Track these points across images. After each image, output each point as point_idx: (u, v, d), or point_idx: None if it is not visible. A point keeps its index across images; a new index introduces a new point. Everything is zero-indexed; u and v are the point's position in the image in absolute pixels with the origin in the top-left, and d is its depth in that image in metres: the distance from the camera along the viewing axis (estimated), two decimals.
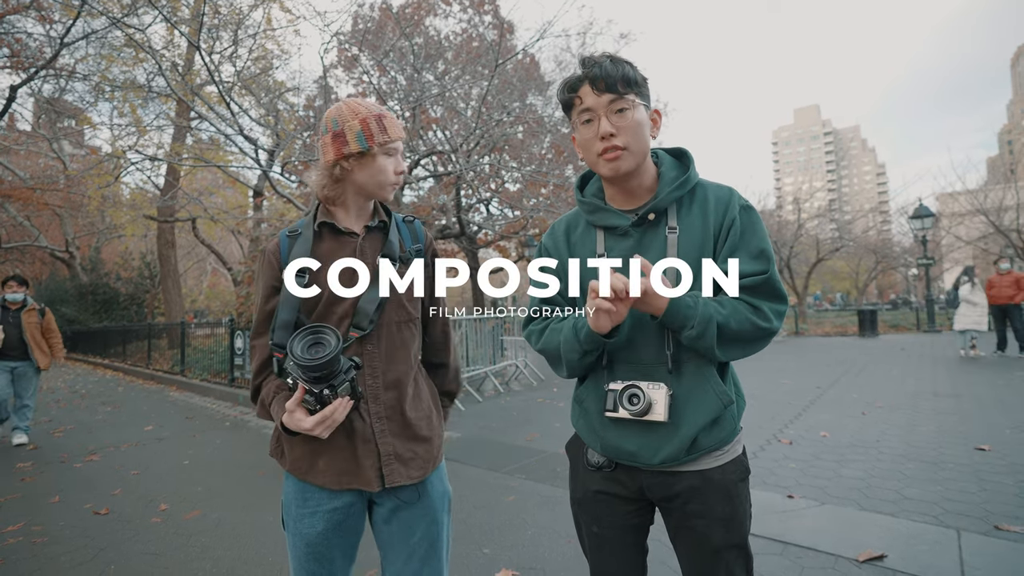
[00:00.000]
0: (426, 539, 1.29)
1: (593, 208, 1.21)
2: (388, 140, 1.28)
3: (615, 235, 1.18)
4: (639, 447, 1.11)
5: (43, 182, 17.84)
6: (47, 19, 10.58)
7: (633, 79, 1.08)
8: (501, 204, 14.75)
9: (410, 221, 1.43)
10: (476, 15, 15.38)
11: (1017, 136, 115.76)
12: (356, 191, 1.31)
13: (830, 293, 47.30)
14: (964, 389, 6.36)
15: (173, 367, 10.64)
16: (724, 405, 1.09)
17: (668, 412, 1.07)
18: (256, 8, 9.90)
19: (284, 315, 1.22)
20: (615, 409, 1.10)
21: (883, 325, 17.32)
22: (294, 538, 1.24)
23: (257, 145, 7.86)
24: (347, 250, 1.29)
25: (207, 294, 28.80)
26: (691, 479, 1.10)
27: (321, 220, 1.31)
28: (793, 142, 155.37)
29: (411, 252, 1.35)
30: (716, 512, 1.09)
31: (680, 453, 1.08)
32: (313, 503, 1.23)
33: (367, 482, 1.22)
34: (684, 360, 1.10)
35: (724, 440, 1.11)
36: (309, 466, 1.23)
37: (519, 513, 3.10)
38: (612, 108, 1.08)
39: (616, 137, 1.07)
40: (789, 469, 3.67)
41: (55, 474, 4.32)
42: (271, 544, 2.82)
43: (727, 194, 1.14)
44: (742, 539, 1.11)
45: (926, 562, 2.32)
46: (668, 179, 1.15)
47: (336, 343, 1.07)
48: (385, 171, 1.28)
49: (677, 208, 1.15)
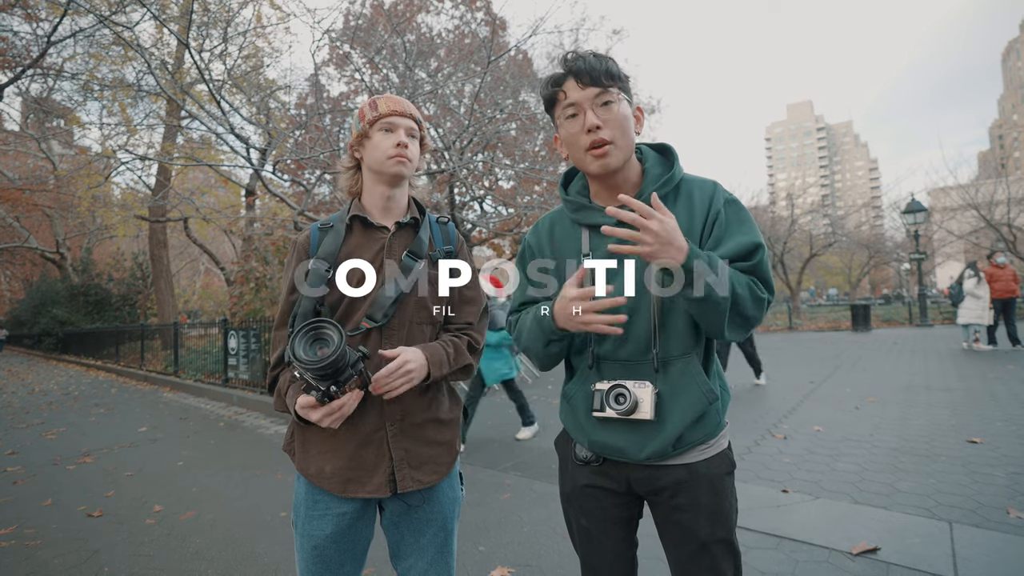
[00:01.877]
0: (433, 543, 1.28)
1: (577, 206, 1.20)
2: (378, 116, 1.27)
3: (600, 233, 1.16)
4: (626, 444, 1.11)
5: (32, 183, 17.67)
6: (33, 17, 10.44)
7: (617, 74, 1.09)
8: (495, 202, 14.72)
9: (444, 222, 1.41)
10: (468, 12, 15.31)
11: (1008, 131, 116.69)
12: (369, 177, 1.32)
13: (822, 289, 47.61)
14: (956, 383, 6.42)
15: (167, 368, 10.58)
16: (709, 401, 1.09)
17: (654, 410, 1.08)
18: (246, 5, 9.82)
19: (307, 306, 1.21)
20: (602, 409, 1.11)
21: (876, 320, 17.43)
22: (302, 539, 1.23)
23: (249, 144, 7.80)
24: (376, 245, 1.28)
25: (200, 294, 28.60)
26: (677, 472, 1.11)
27: (353, 213, 1.30)
28: (786, 138, 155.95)
29: (440, 252, 1.34)
30: (702, 505, 1.10)
31: (666, 449, 1.09)
32: (322, 506, 1.22)
33: (375, 489, 1.20)
34: (670, 358, 1.11)
35: (709, 434, 1.12)
36: (317, 470, 1.21)
37: (514, 510, 3.10)
38: (598, 101, 1.07)
39: (603, 130, 1.07)
40: (783, 463, 3.69)
41: (47, 477, 4.28)
42: (266, 545, 2.81)
43: (711, 188, 1.14)
44: (727, 533, 1.12)
45: (919, 554, 2.34)
46: (653, 176, 1.15)
47: (339, 339, 1.03)
48: (379, 146, 1.27)
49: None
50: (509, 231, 14.96)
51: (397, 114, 1.28)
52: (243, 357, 7.63)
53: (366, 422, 1.20)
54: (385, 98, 1.29)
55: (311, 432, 1.23)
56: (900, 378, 6.95)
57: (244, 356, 7.60)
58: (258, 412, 6.75)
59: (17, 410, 7.73)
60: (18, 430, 6.25)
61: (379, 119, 1.27)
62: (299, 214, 7.60)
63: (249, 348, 7.45)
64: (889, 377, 7.08)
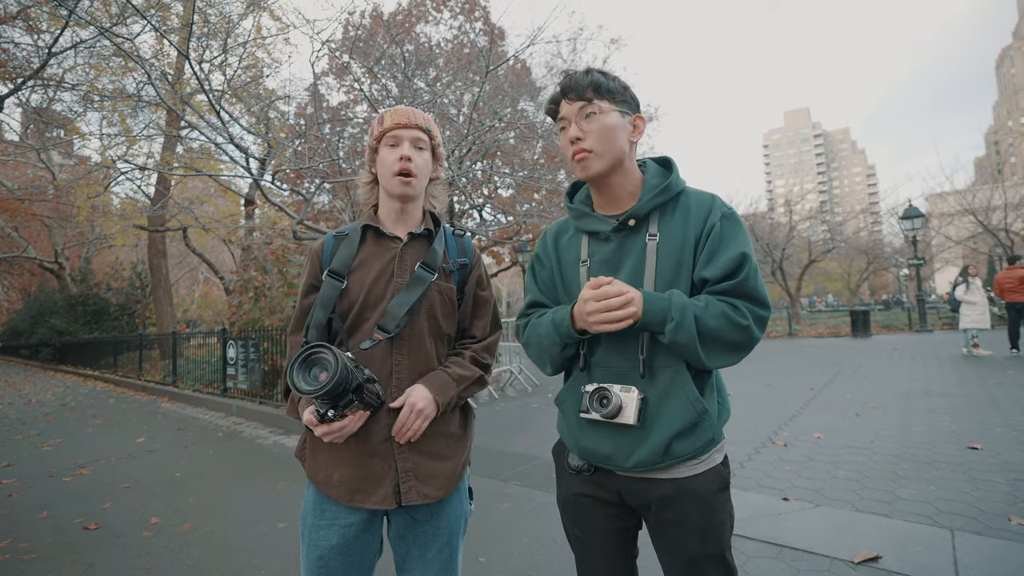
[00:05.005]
0: (439, 559, 1.27)
1: (580, 214, 1.25)
2: (384, 131, 1.28)
3: (598, 240, 1.21)
4: (613, 451, 1.12)
5: (31, 193, 17.71)
6: (34, 29, 10.51)
7: (605, 86, 1.13)
8: (494, 210, 14.76)
9: (460, 235, 1.42)
10: (467, 22, 15.45)
11: (1003, 137, 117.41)
12: (383, 191, 1.33)
13: (821, 295, 47.65)
14: (956, 388, 6.41)
15: (165, 378, 10.54)
16: (698, 413, 1.08)
17: (638, 416, 1.08)
18: (246, 17, 9.90)
19: (319, 315, 1.22)
20: (588, 410, 1.13)
21: (875, 325, 17.46)
22: (308, 548, 1.22)
23: (248, 153, 7.83)
24: (388, 255, 1.29)
25: (199, 304, 28.57)
26: (666, 487, 1.10)
27: (366, 223, 1.31)
28: (784, 144, 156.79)
29: (455, 265, 1.34)
30: (691, 522, 1.09)
31: (654, 458, 1.08)
32: (329, 516, 1.21)
33: (380, 501, 1.19)
34: (658, 367, 1.11)
35: (701, 449, 1.10)
36: (325, 478, 1.22)
37: (514, 521, 3.08)
38: (581, 114, 1.13)
39: (582, 141, 1.13)
40: (784, 471, 3.67)
41: (43, 489, 4.25)
42: (264, 557, 2.78)
43: (709, 201, 1.15)
44: (719, 549, 1.10)
45: (921, 562, 2.33)
46: (650, 186, 1.17)
47: (336, 364, 1.02)
48: (385, 162, 1.28)
49: (660, 215, 1.16)
50: (508, 239, 14.99)
51: (401, 126, 1.28)
52: (242, 367, 7.61)
53: (375, 433, 1.20)
54: (391, 111, 1.29)
55: (321, 440, 1.23)
56: (900, 384, 6.94)
57: (243, 366, 7.58)
58: (257, 422, 6.71)
59: (13, 421, 7.68)
60: (14, 442, 6.20)
61: (384, 133, 1.28)
62: (298, 223, 7.61)
63: (248, 358, 7.43)
64: (889, 383, 7.07)
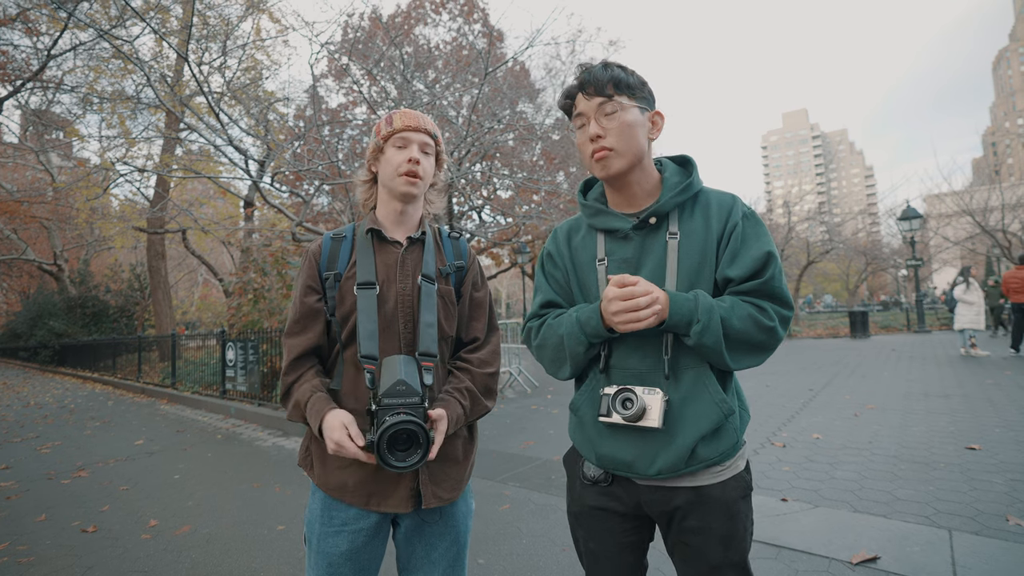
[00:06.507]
0: (445, 557, 1.27)
1: (595, 211, 1.20)
2: (392, 131, 1.27)
3: (616, 239, 1.17)
4: (635, 457, 1.07)
5: (30, 195, 17.69)
6: (34, 31, 10.53)
7: (625, 82, 1.09)
8: (493, 211, 14.78)
9: (455, 237, 1.42)
10: (465, 24, 15.48)
11: (1000, 138, 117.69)
12: (383, 192, 1.33)
13: (820, 296, 47.70)
14: (954, 389, 6.42)
15: (164, 380, 10.52)
16: (725, 415, 1.05)
17: (663, 418, 1.03)
18: (245, 19, 9.92)
19: (369, 325, 1.20)
20: (608, 414, 1.07)
21: (874, 326, 17.47)
22: (316, 556, 1.21)
23: (247, 155, 7.83)
24: (390, 259, 1.29)
25: (198, 305, 28.55)
26: (689, 495, 1.07)
27: (369, 226, 1.31)
28: (782, 146, 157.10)
29: (451, 267, 1.34)
30: (714, 529, 1.06)
31: (679, 463, 1.04)
32: (339, 521, 1.21)
33: (397, 504, 1.19)
34: (682, 367, 1.08)
35: (726, 454, 1.07)
36: (339, 484, 1.21)
37: (514, 522, 3.08)
38: (601, 111, 1.09)
39: (603, 139, 1.09)
40: (783, 472, 3.68)
41: (41, 492, 4.24)
42: (263, 559, 2.78)
43: (730, 201, 1.14)
44: (741, 558, 1.08)
45: (919, 563, 2.33)
46: (671, 184, 1.15)
47: (426, 440, 1.05)
48: (391, 162, 1.27)
49: (679, 214, 1.14)
50: (507, 240, 15.00)
51: (411, 129, 1.28)
52: (241, 369, 7.60)
53: None
54: (401, 113, 1.29)
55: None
56: (899, 385, 6.95)
57: (242, 368, 7.57)
58: (256, 424, 6.71)
59: (12, 424, 7.67)
60: (12, 444, 6.19)
61: (393, 134, 1.28)
62: (297, 225, 7.61)
63: (247, 359, 7.42)
64: (888, 384, 7.08)
